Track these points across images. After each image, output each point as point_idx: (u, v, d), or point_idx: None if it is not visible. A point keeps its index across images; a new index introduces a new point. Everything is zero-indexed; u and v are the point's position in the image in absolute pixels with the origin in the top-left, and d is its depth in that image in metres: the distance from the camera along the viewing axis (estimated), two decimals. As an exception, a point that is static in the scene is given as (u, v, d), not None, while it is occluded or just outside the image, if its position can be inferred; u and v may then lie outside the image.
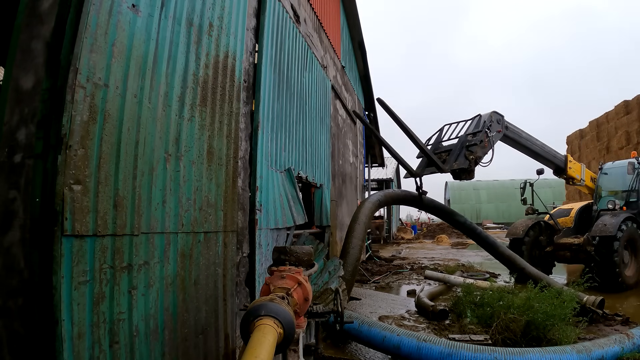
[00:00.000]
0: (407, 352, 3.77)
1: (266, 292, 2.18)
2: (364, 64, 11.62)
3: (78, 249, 1.85)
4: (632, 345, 4.07)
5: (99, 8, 2.00)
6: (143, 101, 2.32)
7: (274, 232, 4.24)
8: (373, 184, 22.25)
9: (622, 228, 7.62)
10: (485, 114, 6.93)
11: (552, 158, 8.64)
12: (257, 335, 1.58)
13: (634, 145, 14.45)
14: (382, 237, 20.55)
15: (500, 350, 3.62)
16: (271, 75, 4.43)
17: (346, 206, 8.86)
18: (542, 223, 8.92)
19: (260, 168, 3.95)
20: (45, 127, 1.87)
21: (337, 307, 2.72)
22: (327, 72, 7.42)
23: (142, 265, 2.29)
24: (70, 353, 1.79)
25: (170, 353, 2.51)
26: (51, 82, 1.91)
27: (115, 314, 2.06)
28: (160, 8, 2.50)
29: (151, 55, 2.41)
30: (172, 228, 2.58)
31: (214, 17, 3.17)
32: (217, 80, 3.21)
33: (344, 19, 9.74)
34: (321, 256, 5.44)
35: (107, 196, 2.04)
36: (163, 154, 2.52)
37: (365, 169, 13.78)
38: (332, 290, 4.22)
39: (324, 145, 6.96)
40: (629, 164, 8.97)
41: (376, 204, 6.72)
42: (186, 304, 2.69)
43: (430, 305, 5.72)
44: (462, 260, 11.80)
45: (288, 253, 2.51)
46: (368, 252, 12.82)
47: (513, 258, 6.79)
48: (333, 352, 4.24)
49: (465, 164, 6.42)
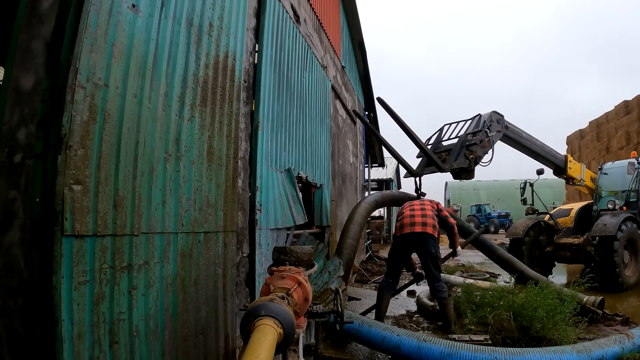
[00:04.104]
0: (407, 352, 3.77)
1: (266, 292, 2.18)
2: (364, 64, 11.62)
3: (78, 249, 1.85)
4: (632, 345, 4.07)
5: (99, 8, 2.00)
6: (143, 101, 2.32)
7: (274, 232, 4.24)
8: (373, 184, 22.24)
9: (622, 228, 7.61)
10: (485, 114, 6.93)
11: (552, 158, 8.64)
12: (257, 335, 1.59)
13: (634, 145, 14.47)
14: (382, 237, 20.55)
15: (500, 350, 3.62)
16: (271, 75, 4.43)
17: (346, 206, 8.86)
18: (542, 223, 8.92)
19: (260, 168, 3.95)
20: (45, 127, 1.87)
21: (337, 307, 2.72)
22: (327, 72, 7.42)
23: (142, 265, 2.29)
24: (70, 353, 1.79)
25: (170, 353, 2.51)
26: (51, 82, 1.91)
27: (115, 314, 2.06)
28: (160, 8, 2.50)
29: (151, 55, 2.41)
30: (172, 228, 2.58)
31: (214, 17, 3.17)
32: (217, 80, 3.21)
33: (344, 19, 9.74)
34: (321, 256, 5.44)
35: (107, 196, 2.04)
36: (163, 154, 2.52)
37: (365, 169, 13.78)
38: (332, 290, 4.22)
39: (324, 145, 6.96)
40: (629, 164, 8.97)
41: (372, 204, 6.72)
42: (186, 304, 2.69)
43: (430, 305, 5.72)
44: (462, 260, 11.82)
45: (288, 253, 2.52)
46: (368, 252, 12.83)
47: (512, 261, 6.79)
48: (333, 352, 4.24)
49: (465, 164, 6.42)
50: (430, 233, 4.92)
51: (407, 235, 5.02)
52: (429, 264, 4.90)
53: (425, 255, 4.91)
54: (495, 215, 29.24)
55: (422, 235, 4.93)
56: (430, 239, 4.91)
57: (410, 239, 4.98)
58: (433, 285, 4.93)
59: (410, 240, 4.99)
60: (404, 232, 5.05)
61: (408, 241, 5.01)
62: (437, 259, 4.92)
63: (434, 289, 4.92)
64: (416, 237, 4.95)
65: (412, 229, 4.99)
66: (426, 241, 4.90)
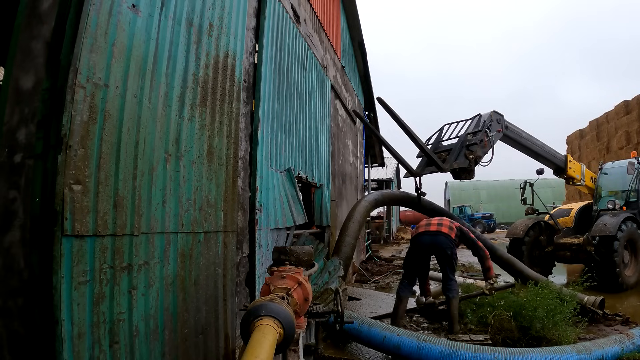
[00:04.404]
0: (407, 352, 3.77)
1: (266, 292, 2.18)
2: (364, 64, 11.62)
3: (78, 249, 1.85)
4: (632, 345, 4.07)
5: (99, 8, 2.00)
6: (143, 101, 2.32)
7: (274, 232, 4.24)
8: (373, 184, 22.23)
9: (622, 228, 7.61)
10: (485, 114, 6.93)
11: (552, 158, 8.64)
12: (257, 336, 1.58)
13: (634, 145, 14.45)
14: (382, 237, 20.55)
15: (500, 350, 3.62)
16: (271, 75, 4.43)
17: (346, 206, 8.85)
18: (542, 223, 8.92)
19: (260, 168, 3.95)
20: (45, 127, 1.87)
21: (337, 307, 2.72)
22: (327, 72, 7.42)
23: (142, 265, 2.29)
24: (70, 353, 1.79)
25: (170, 353, 2.51)
26: (51, 82, 1.91)
27: (115, 314, 2.06)
28: (160, 8, 2.50)
29: (151, 55, 2.41)
30: (172, 228, 2.58)
31: (214, 17, 3.17)
32: (217, 80, 3.20)
33: (344, 19, 9.74)
34: (321, 256, 5.44)
35: (107, 196, 2.04)
36: (163, 154, 2.52)
37: (365, 169, 13.78)
38: (332, 290, 4.22)
39: (324, 145, 6.96)
40: (629, 164, 8.97)
41: (373, 203, 6.72)
42: (186, 304, 2.69)
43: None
44: (462, 260, 11.80)
45: (288, 253, 2.52)
46: (368, 252, 12.82)
47: (512, 262, 6.79)
48: (333, 352, 4.24)
49: (465, 164, 6.42)
50: (446, 232, 4.95)
51: (422, 234, 5.06)
52: (444, 264, 4.97)
53: (442, 256, 4.97)
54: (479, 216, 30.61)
55: (436, 234, 4.96)
56: (445, 237, 4.93)
57: (426, 237, 5.02)
58: (445, 283, 5.00)
59: (425, 239, 5.02)
60: (419, 231, 5.12)
61: (423, 240, 5.04)
62: (452, 259, 4.95)
63: (445, 286, 4.99)
64: (431, 236, 4.98)
65: (428, 229, 5.05)
66: (441, 240, 4.93)
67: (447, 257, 4.92)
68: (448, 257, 4.92)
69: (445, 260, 4.94)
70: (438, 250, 4.99)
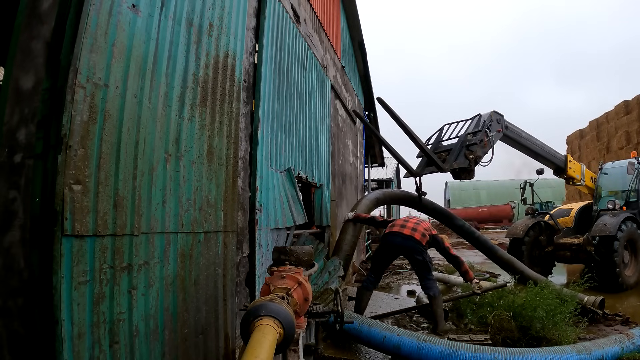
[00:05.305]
0: (407, 352, 3.77)
1: (266, 292, 2.18)
2: (364, 64, 11.62)
3: (78, 249, 1.85)
4: (632, 345, 4.07)
5: (99, 8, 2.00)
6: (143, 101, 2.32)
7: (274, 232, 4.24)
8: (373, 184, 22.23)
9: (622, 228, 7.61)
10: (485, 114, 6.93)
11: (552, 158, 8.63)
12: (257, 336, 1.59)
13: (634, 145, 14.46)
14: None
15: (500, 350, 3.62)
16: (271, 75, 4.43)
17: (346, 206, 8.85)
18: (542, 223, 8.91)
19: (260, 168, 3.95)
20: (45, 127, 1.87)
21: (337, 307, 2.72)
22: (327, 72, 7.42)
23: (142, 265, 2.29)
24: (70, 353, 1.79)
25: (170, 353, 2.51)
26: (51, 82, 1.91)
27: (115, 314, 2.06)
28: (160, 8, 2.50)
29: (151, 55, 2.41)
30: (172, 228, 2.58)
31: (214, 17, 3.17)
32: (217, 80, 3.21)
33: (344, 19, 9.74)
34: (321, 256, 5.44)
35: (107, 196, 2.04)
36: (163, 154, 2.52)
37: (365, 169, 13.77)
38: (332, 290, 4.22)
39: (324, 145, 6.96)
40: (629, 164, 8.97)
41: (374, 201, 6.72)
42: (186, 304, 2.69)
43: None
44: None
45: (288, 253, 2.52)
46: (368, 252, 12.82)
47: (512, 262, 6.79)
48: (333, 352, 4.23)
49: (465, 164, 6.42)
50: (417, 239, 4.93)
51: (394, 234, 5.04)
52: (419, 269, 5.03)
53: (413, 261, 5.04)
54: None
55: (408, 238, 4.94)
56: (415, 243, 4.92)
57: (397, 239, 5.00)
58: (422, 284, 5.06)
59: (396, 240, 5.00)
60: (393, 230, 5.10)
61: (394, 241, 5.03)
62: (425, 263, 4.97)
63: (423, 286, 5.06)
64: (403, 239, 4.96)
65: (401, 230, 5.02)
66: (412, 246, 4.93)
67: (419, 262, 4.96)
68: (420, 262, 4.95)
69: (418, 265, 4.98)
70: (407, 254, 5.05)
